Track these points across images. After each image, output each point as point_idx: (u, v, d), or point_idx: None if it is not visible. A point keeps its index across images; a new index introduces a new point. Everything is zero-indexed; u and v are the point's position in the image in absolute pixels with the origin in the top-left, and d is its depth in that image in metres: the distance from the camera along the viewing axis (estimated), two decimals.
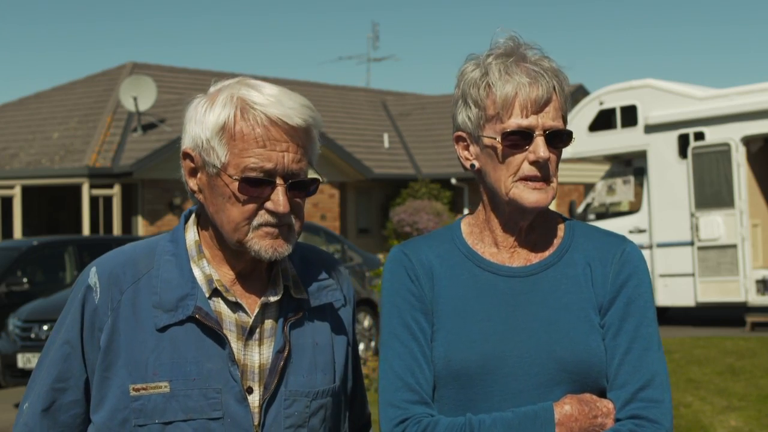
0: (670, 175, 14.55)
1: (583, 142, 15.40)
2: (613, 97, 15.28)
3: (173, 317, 1.87)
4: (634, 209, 15.88)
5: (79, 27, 77.16)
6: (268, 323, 1.94)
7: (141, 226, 20.26)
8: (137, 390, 1.85)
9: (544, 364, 1.86)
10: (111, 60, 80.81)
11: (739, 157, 13.89)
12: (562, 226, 2.03)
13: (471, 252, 1.98)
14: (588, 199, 16.17)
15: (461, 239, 2.01)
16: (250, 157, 1.84)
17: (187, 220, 2.01)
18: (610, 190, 15.71)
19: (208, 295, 1.90)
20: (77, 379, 1.92)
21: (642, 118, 14.84)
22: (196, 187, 1.93)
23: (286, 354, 1.91)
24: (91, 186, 19.78)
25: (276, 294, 1.95)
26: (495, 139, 1.89)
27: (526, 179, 1.89)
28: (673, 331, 13.62)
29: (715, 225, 13.96)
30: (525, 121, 1.87)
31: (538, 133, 1.87)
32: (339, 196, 24.02)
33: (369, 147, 26.00)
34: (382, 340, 1.98)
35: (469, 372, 1.88)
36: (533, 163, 1.88)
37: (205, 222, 1.97)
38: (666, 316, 15.33)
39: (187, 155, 1.92)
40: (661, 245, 14.64)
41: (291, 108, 1.87)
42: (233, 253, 1.94)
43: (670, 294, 14.56)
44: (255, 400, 1.89)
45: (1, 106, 25.55)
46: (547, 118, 1.89)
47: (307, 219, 20.87)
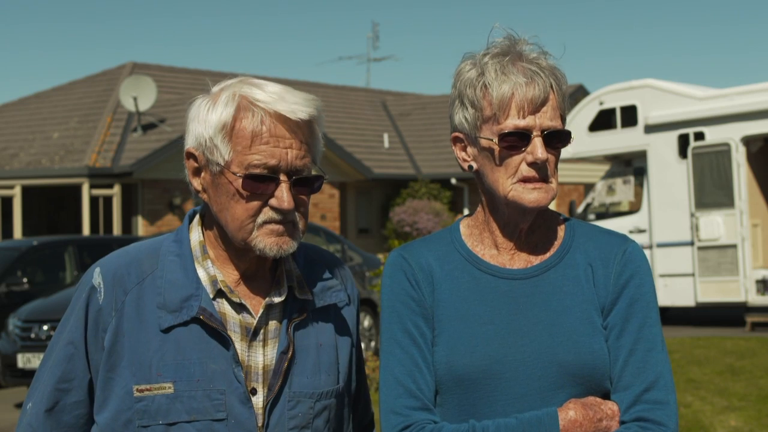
0: (670, 175, 14.55)
1: (583, 142, 15.40)
2: (613, 97, 15.27)
3: (177, 318, 1.86)
4: (634, 209, 15.88)
5: (79, 27, 77.15)
6: (273, 324, 1.94)
7: (141, 226, 20.25)
8: (141, 391, 1.84)
9: (547, 368, 1.84)
10: (111, 60, 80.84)
11: (739, 157, 13.89)
12: (562, 227, 2.00)
13: (471, 254, 1.96)
14: (588, 199, 16.16)
15: (461, 241, 1.99)
16: (253, 154, 1.84)
17: (191, 221, 2.01)
18: (610, 190, 15.71)
19: (212, 295, 1.90)
20: (81, 380, 1.91)
21: (642, 118, 14.83)
22: (200, 187, 1.92)
23: (290, 355, 1.91)
24: (91, 186, 19.77)
25: (280, 295, 1.94)
26: (492, 140, 1.87)
27: (525, 180, 1.87)
28: (673, 331, 13.61)
29: (715, 225, 13.96)
30: (522, 122, 1.85)
31: (535, 133, 1.85)
32: (339, 196, 24.01)
33: (369, 147, 25.99)
34: (382, 346, 1.96)
35: (472, 376, 1.86)
36: (531, 165, 1.86)
37: (209, 221, 1.97)
38: (666, 316, 15.32)
39: (190, 155, 1.92)
40: (661, 245, 14.64)
41: (294, 103, 1.87)
42: (238, 253, 1.93)
43: (670, 294, 14.56)
44: (259, 401, 1.89)
45: (1, 106, 25.54)
46: (545, 118, 1.86)
47: None
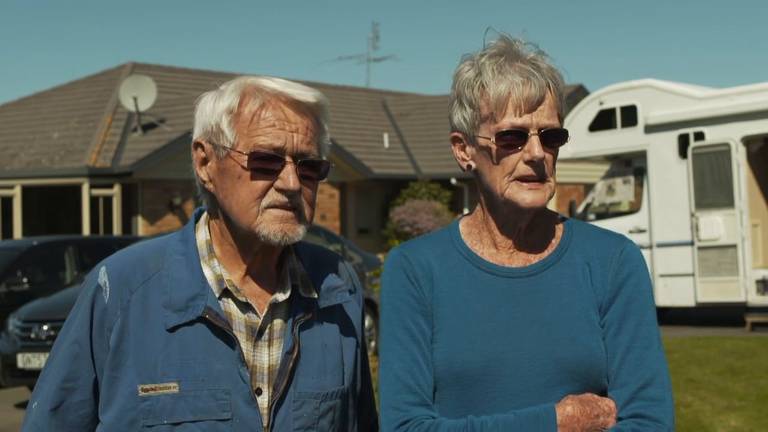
0: (670, 175, 14.55)
1: (583, 142, 15.41)
2: (613, 97, 15.28)
3: (183, 317, 1.86)
4: (634, 209, 15.88)
5: (79, 27, 77.15)
6: (278, 324, 1.94)
7: (141, 226, 20.25)
8: (146, 390, 1.84)
9: (545, 365, 1.86)
10: (111, 60, 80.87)
11: (739, 157, 13.89)
12: (561, 226, 2.02)
13: (470, 253, 1.97)
14: (588, 199, 16.17)
15: (460, 240, 2.00)
16: (259, 136, 1.85)
17: (197, 220, 2.01)
18: (610, 190, 15.71)
19: (218, 295, 1.90)
20: (86, 379, 1.91)
21: (642, 118, 14.84)
22: (206, 177, 1.92)
23: (295, 355, 1.91)
24: (91, 186, 19.77)
25: (284, 293, 1.94)
26: (489, 139, 1.88)
27: (522, 179, 1.88)
28: (673, 331, 13.62)
29: (715, 225, 13.96)
30: (519, 120, 1.86)
31: (532, 132, 1.86)
32: (339, 196, 24.02)
33: (369, 147, 25.99)
34: (382, 343, 1.97)
35: (471, 373, 1.87)
36: (528, 163, 1.87)
37: (215, 216, 1.96)
38: (666, 316, 15.33)
39: (198, 145, 1.93)
40: (661, 245, 14.64)
41: (300, 89, 1.90)
42: (244, 246, 1.93)
43: (670, 294, 14.56)
44: (264, 401, 1.89)
45: (1, 106, 25.54)
46: (542, 117, 1.88)
47: None
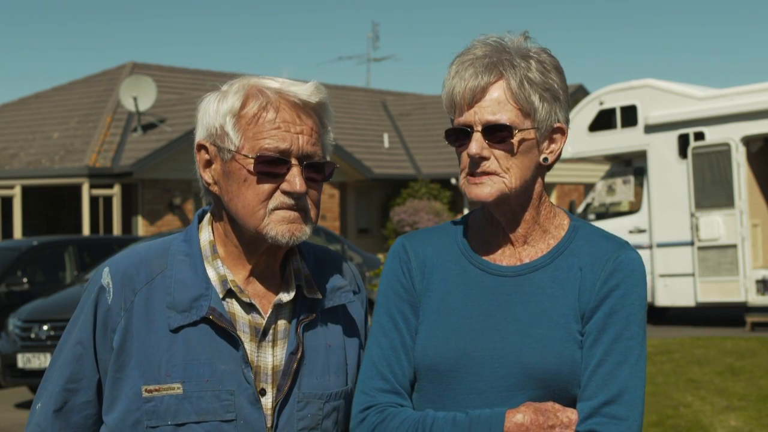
0: (670, 175, 14.55)
1: (583, 142, 15.41)
2: (613, 97, 15.28)
3: (187, 318, 1.86)
4: (634, 209, 15.88)
5: (79, 27, 77.17)
6: (282, 324, 1.94)
7: (141, 226, 20.25)
8: (150, 391, 1.84)
9: (511, 368, 1.83)
10: (111, 60, 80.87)
11: (739, 157, 13.89)
12: (565, 227, 1.96)
13: (466, 248, 1.97)
14: (588, 199, 16.17)
15: (461, 234, 2.00)
16: (264, 138, 1.84)
17: (200, 220, 2.00)
18: (610, 190, 15.71)
19: (222, 295, 1.89)
20: (89, 380, 1.91)
21: (642, 118, 14.84)
22: (210, 180, 1.92)
23: (299, 356, 1.91)
24: (91, 186, 19.77)
25: (289, 293, 1.94)
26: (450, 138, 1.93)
27: (470, 174, 1.88)
28: (673, 331, 13.62)
29: (715, 225, 13.96)
30: (461, 118, 1.87)
31: (475, 128, 1.86)
32: (339, 196, 24.01)
33: (369, 147, 25.99)
34: (370, 330, 1.99)
35: (440, 367, 1.87)
36: (470, 158, 1.87)
37: (219, 217, 1.96)
38: (666, 316, 15.33)
39: (201, 147, 1.92)
40: (661, 245, 14.64)
41: (304, 89, 1.89)
42: (249, 247, 1.92)
43: (670, 294, 14.56)
44: (268, 402, 1.89)
45: (1, 106, 25.53)
46: (485, 113, 1.85)
47: None
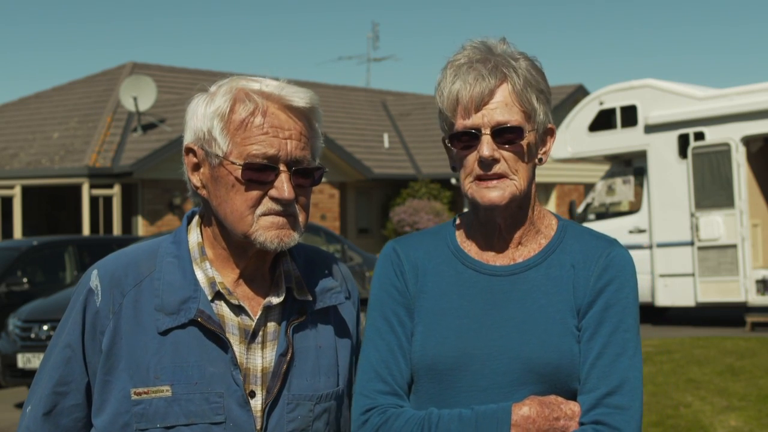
0: (670, 175, 14.54)
1: (583, 142, 15.41)
2: (613, 97, 15.27)
3: (175, 320, 1.85)
4: (634, 209, 15.87)
5: (79, 27, 77.19)
6: (271, 326, 1.93)
7: (141, 226, 20.25)
8: (139, 394, 1.83)
9: (511, 363, 1.86)
10: (111, 60, 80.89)
11: (739, 157, 13.89)
12: (554, 228, 2.00)
13: (458, 249, 1.99)
14: (588, 199, 16.16)
15: (452, 236, 2.02)
16: (252, 144, 1.83)
17: (189, 222, 1.99)
18: (610, 190, 15.70)
19: (210, 297, 1.89)
20: (78, 383, 1.90)
21: (642, 118, 14.83)
22: (199, 183, 1.91)
23: (289, 357, 1.90)
24: (91, 186, 19.77)
25: (278, 296, 1.93)
26: (451, 142, 1.92)
27: (480, 178, 1.89)
28: (673, 331, 13.61)
29: (715, 225, 13.96)
30: (468, 121, 1.87)
31: (484, 131, 1.86)
32: (339, 196, 24.01)
33: (369, 147, 25.99)
34: (364, 333, 1.99)
35: (440, 367, 1.89)
36: (479, 163, 1.88)
37: (208, 220, 1.95)
38: (666, 316, 15.33)
39: (189, 150, 1.91)
40: (661, 245, 14.63)
41: (293, 93, 1.88)
42: (237, 251, 1.92)
43: (670, 294, 14.55)
44: (257, 404, 1.88)
45: (1, 106, 25.53)
46: (494, 115, 1.86)
47: None
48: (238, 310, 1.91)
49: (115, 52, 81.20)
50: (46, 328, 10.05)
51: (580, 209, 15.99)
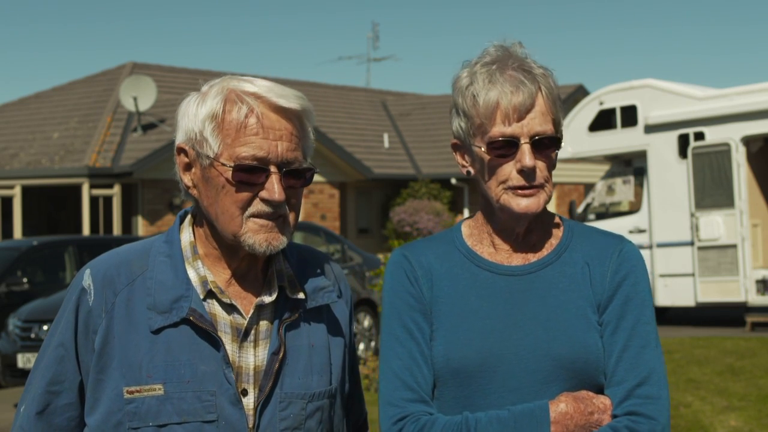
0: (670, 175, 14.54)
1: (583, 142, 15.40)
2: (613, 97, 15.27)
3: (167, 319, 1.85)
4: (634, 209, 15.87)
5: (79, 27, 77.21)
6: (264, 325, 1.93)
7: (141, 226, 20.25)
8: (131, 392, 1.83)
9: (541, 362, 1.88)
10: (111, 60, 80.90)
11: (739, 157, 13.89)
12: (560, 227, 2.04)
13: (471, 252, 1.99)
14: (588, 199, 16.16)
15: (461, 241, 2.02)
16: (242, 145, 1.83)
17: (182, 221, 2.00)
18: (610, 190, 15.70)
19: (202, 296, 1.89)
20: (71, 382, 1.91)
21: (642, 118, 14.83)
22: (190, 183, 1.91)
23: (281, 356, 1.90)
24: (91, 186, 19.77)
25: (271, 295, 1.94)
26: (482, 148, 1.91)
27: (515, 188, 1.90)
28: (673, 331, 13.61)
29: (715, 225, 13.96)
30: (508, 129, 1.87)
31: (523, 140, 1.87)
32: (339, 196, 24.01)
33: (369, 147, 25.98)
34: (381, 342, 1.99)
35: (468, 369, 1.89)
36: (520, 172, 1.89)
37: (200, 220, 1.96)
38: (666, 316, 15.32)
39: (180, 150, 1.91)
40: (661, 245, 14.63)
41: (283, 95, 1.88)
42: (229, 251, 1.92)
43: (670, 294, 14.55)
44: (250, 402, 1.88)
45: (1, 106, 25.53)
46: (534, 124, 1.88)
47: (307, 219, 20.53)
48: (230, 308, 1.91)
49: (115, 52, 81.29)
50: (46, 328, 10.08)
51: (580, 209, 15.99)
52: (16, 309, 10.93)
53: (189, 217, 2.00)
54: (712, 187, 14.04)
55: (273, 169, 1.84)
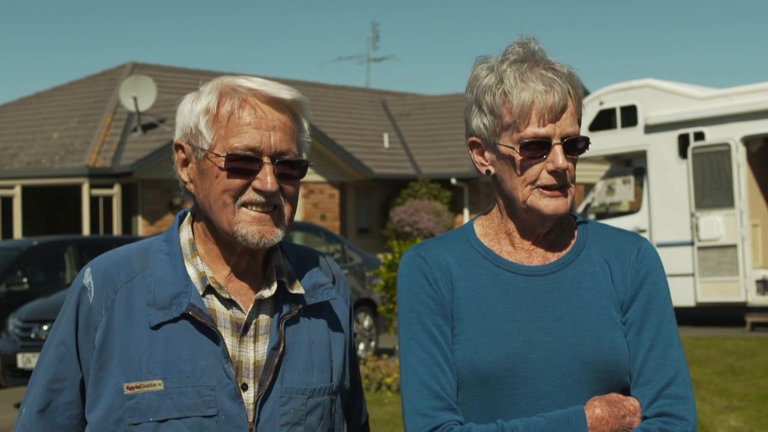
0: (670, 175, 14.55)
1: None
2: (613, 97, 15.28)
3: (167, 315, 1.86)
4: (634, 209, 15.88)
5: (79, 27, 77.21)
6: (263, 319, 1.93)
7: (141, 226, 20.25)
8: (131, 388, 1.84)
9: (571, 364, 1.85)
10: (111, 60, 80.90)
11: (739, 157, 13.90)
12: (575, 226, 2.02)
13: (489, 252, 1.96)
14: (588, 199, 16.16)
15: (477, 240, 1.98)
16: (235, 136, 1.86)
17: (181, 221, 2.02)
18: (610, 190, 15.71)
19: (201, 292, 1.90)
20: (73, 380, 1.91)
21: (642, 118, 14.84)
22: (187, 178, 1.93)
23: (281, 351, 1.90)
24: (91, 186, 19.77)
25: (270, 289, 1.94)
26: (513, 148, 1.87)
27: (545, 188, 1.88)
28: None
29: (715, 225, 13.96)
30: (542, 130, 1.85)
31: (555, 141, 1.86)
32: (339, 196, 24.01)
33: (369, 147, 25.98)
34: (402, 346, 1.93)
35: (497, 374, 1.85)
36: (552, 173, 1.87)
37: (199, 217, 1.98)
38: None
39: (178, 146, 1.94)
40: (661, 245, 14.63)
41: (277, 88, 1.90)
42: (226, 246, 1.93)
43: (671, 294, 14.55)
44: (250, 397, 1.88)
45: (1, 106, 25.53)
46: (565, 126, 1.87)
47: (307, 219, 20.55)
48: (229, 303, 1.92)
49: (115, 52, 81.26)
50: (46, 328, 10.08)
51: (580, 209, 16.00)
52: (16, 309, 10.93)
53: (188, 215, 2.02)
54: (712, 187, 14.05)
55: (266, 159, 1.86)
